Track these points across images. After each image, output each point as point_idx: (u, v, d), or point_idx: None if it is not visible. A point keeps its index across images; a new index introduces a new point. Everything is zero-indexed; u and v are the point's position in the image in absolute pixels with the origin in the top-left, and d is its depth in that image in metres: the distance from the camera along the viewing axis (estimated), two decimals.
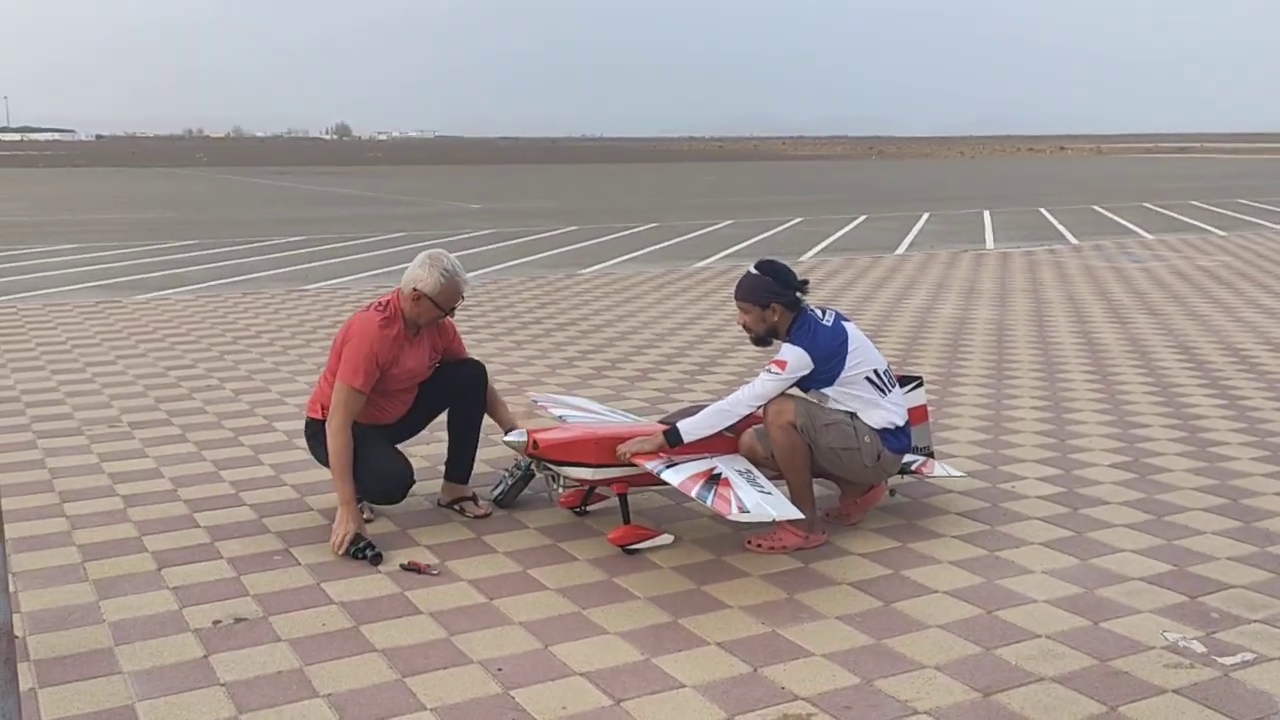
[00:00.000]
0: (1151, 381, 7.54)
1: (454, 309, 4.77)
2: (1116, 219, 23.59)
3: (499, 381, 5.11)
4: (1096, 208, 27.12)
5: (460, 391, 4.93)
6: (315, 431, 4.77)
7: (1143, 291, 12.19)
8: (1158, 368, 8.01)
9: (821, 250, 17.25)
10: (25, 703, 3.18)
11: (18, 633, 3.66)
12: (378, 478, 4.57)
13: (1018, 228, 21.39)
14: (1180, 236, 19.34)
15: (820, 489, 4.77)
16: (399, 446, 4.85)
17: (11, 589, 3.98)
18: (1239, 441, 6.01)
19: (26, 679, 3.35)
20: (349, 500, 4.43)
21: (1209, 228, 21.29)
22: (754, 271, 4.60)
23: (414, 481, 4.70)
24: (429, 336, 4.84)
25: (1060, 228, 21.28)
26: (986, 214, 25.01)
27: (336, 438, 4.49)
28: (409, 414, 4.91)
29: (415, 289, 4.65)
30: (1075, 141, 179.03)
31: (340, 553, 4.33)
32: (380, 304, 4.73)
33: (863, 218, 24.02)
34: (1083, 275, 13.70)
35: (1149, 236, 19.43)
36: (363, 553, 4.29)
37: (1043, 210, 26.13)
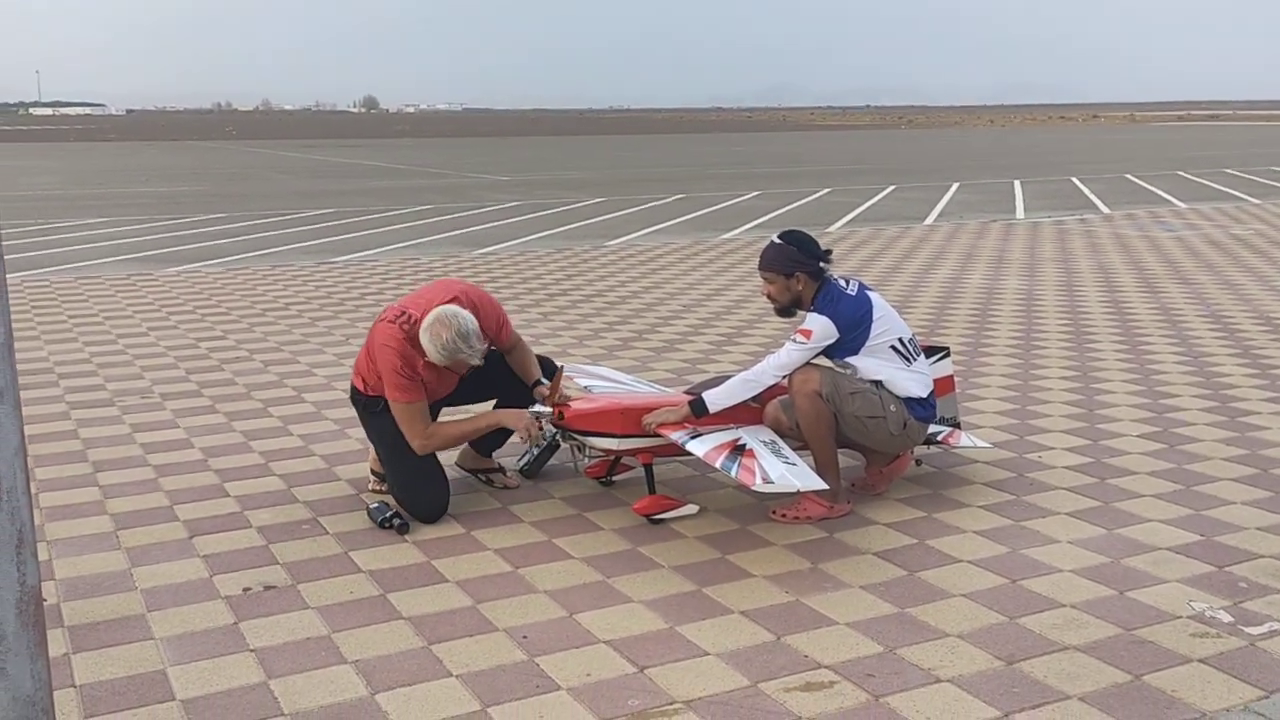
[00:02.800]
0: (1182, 351, 7.47)
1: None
2: (1149, 187, 23.31)
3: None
4: (1129, 176, 26.81)
5: (513, 383, 4.80)
6: (366, 407, 4.67)
7: (1175, 260, 12.06)
8: (1189, 337, 7.93)
9: (849, 221, 17.15)
10: (59, 667, 3.25)
11: (52, 599, 3.74)
12: (415, 501, 4.47)
13: (1049, 197, 21.18)
14: (1214, 205, 19.09)
15: (845, 459, 4.77)
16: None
17: (46, 556, 4.07)
18: (1270, 411, 5.95)
19: (60, 644, 3.41)
20: (497, 417, 4.56)
21: (1243, 195, 21.01)
22: (778, 241, 4.58)
23: (446, 508, 4.54)
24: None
25: (1092, 196, 21.06)
26: (1017, 183, 24.77)
27: (435, 442, 4.49)
28: (465, 389, 4.80)
29: (424, 348, 4.42)
30: (1108, 110, 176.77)
31: (532, 438, 4.52)
32: (406, 320, 4.46)
33: (891, 188, 23.85)
34: (1114, 244, 13.57)
35: (1182, 205, 19.19)
36: (390, 522, 4.33)
37: (1074, 179, 25.86)
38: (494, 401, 4.92)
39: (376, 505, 4.44)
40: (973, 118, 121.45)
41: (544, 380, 4.76)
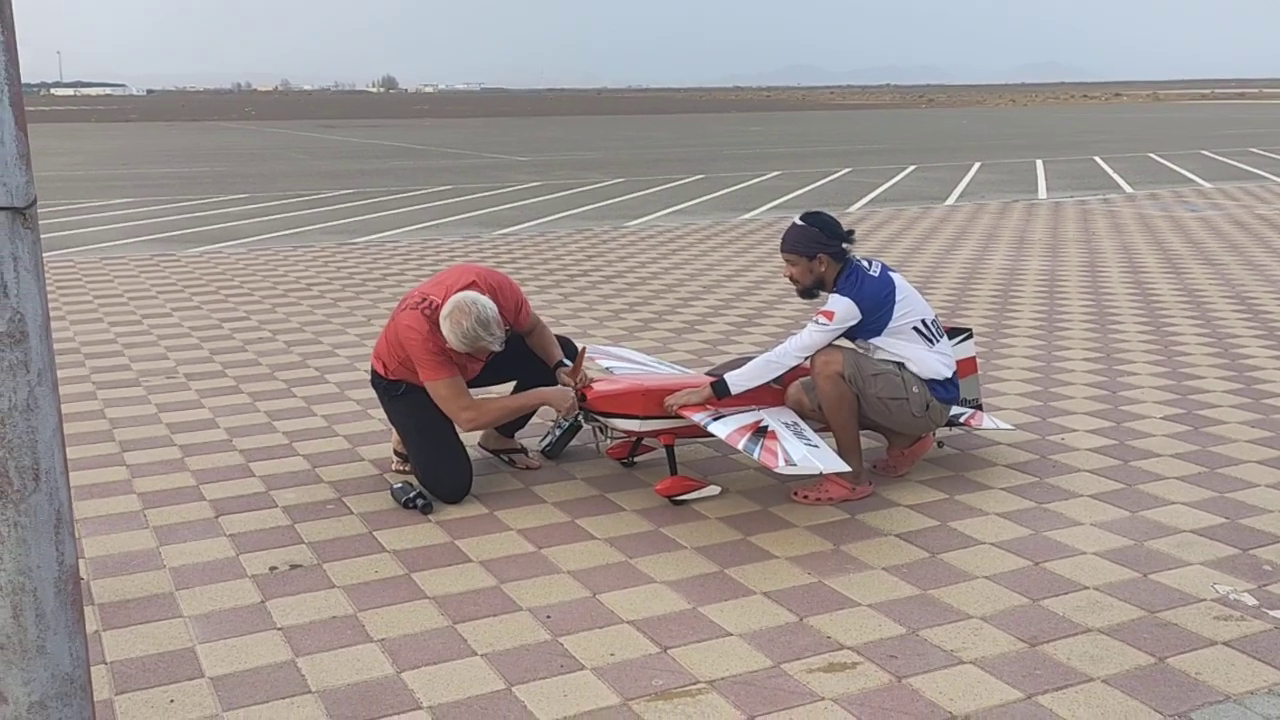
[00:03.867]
0: (1207, 333, 7.42)
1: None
2: (1173, 167, 23.10)
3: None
4: (1153, 155, 26.57)
5: (533, 365, 4.82)
6: (388, 392, 4.70)
7: (1199, 241, 11.97)
8: (1214, 318, 7.88)
9: (870, 201, 17.07)
10: (90, 645, 3.29)
11: (82, 577, 3.78)
12: (438, 482, 4.48)
13: (1071, 176, 21.02)
14: (1239, 184, 18.91)
15: (867, 441, 4.77)
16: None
17: (75, 535, 4.11)
18: None
19: (91, 622, 3.45)
20: (543, 396, 4.58)
21: (1269, 175, 20.80)
22: (800, 223, 4.57)
23: (469, 489, 4.55)
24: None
25: (1115, 176, 20.89)
26: (1039, 163, 24.59)
27: (480, 417, 4.50)
28: (490, 369, 4.80)
29: (445, 335, 4.44)
30: (1131, 89, 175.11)
31: (571, 416, 4.57)
32: (427, 306, 4.47)
33: (912, 167, 23.72)
34: (1137, 224, 13.47)
35: (1207, 185, 19.02)
36: (414, 502, 4.36)
37: (1097, 159, 25.65)
38: (514, 384, 4.95)
39: (400, 485, 4.47)
40: (994, 97, 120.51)
41: (566, 361, 4.79)
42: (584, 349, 4.84)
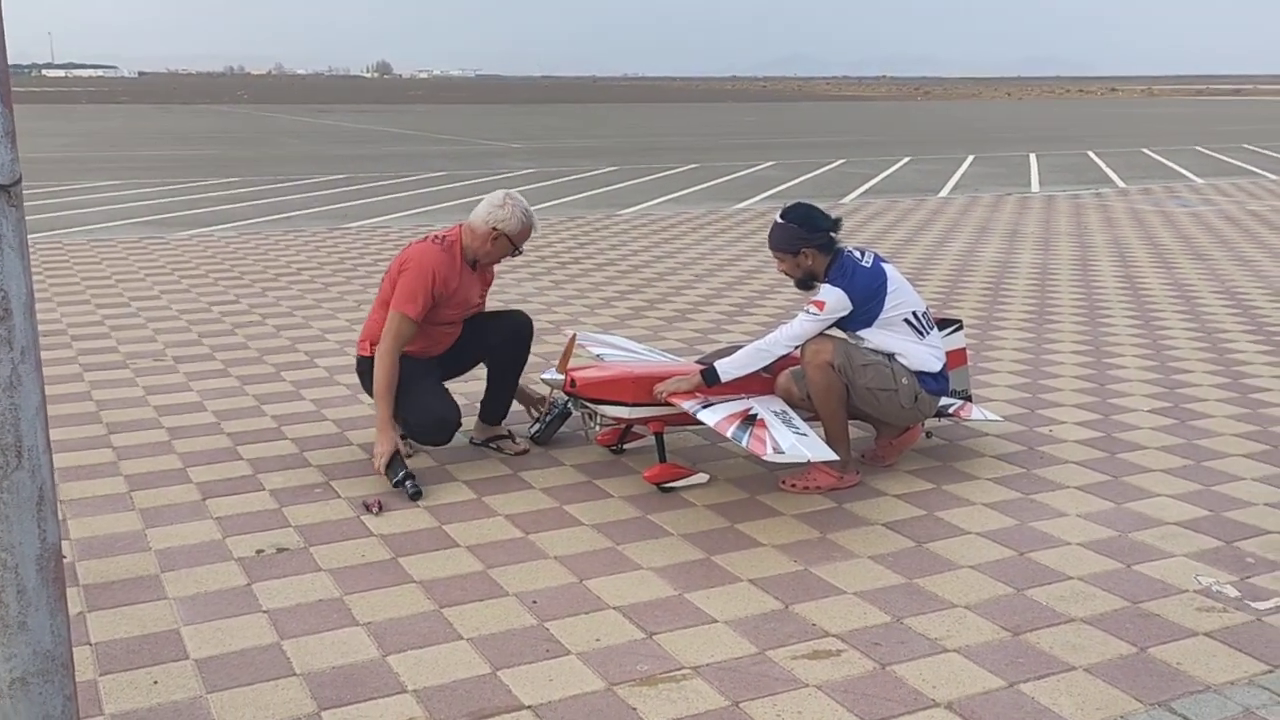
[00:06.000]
0: (1195, 326, 7.45)
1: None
2: (1166, 162, 23.15)
3: (538, 321, 5.15)
4: (1146, 150, 26.62)
5: (506, 339, 4.96)
6: (366, 369, 4.78)
7: (1190, 236, 12.00)
8: (1202, 313, 7.91)
9: (864, 192, 17.08)
10: (75, 626, 3.29)
11: (67, 559, 3.77)
12: (425, 417, 4.62)
13: (1064, 170, 21.05)
14: (1231, 180, 18.96)
15: (856, 431, 4.78)
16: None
17: (61, 517, 4.11)
18: None
19: (76, 603, 3.45)
20: (387, 421, 4.51)
21: (1261, 171, 20.85)
22: (780, 220, 4.57)
23: (459, 425, 4.74)
24: (481, 271, 4.89)
25: (1108, 171, 20.92)
26: (1033, 156, 24.62)
27: (383, 360, 4.56)
28: (455, 351, 4.93)
29: (495, 228, 4.71)
30: (1126, 83, 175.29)
31: (381, 470, 4.40)
32: (437, 236, 4.79)
33: (906, 159, 23.73)
34: (1129, 219, 13.49)
35: (1199, 180, 19.06)
36: (402, 484, 4.35)
37: (1090, 153, 25.69)
38: (486, 372, 5.07)
39: (395, 465, 4.43)
40: (990, 89, 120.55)
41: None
42: (574, 335, 4.85)
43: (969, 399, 5.12)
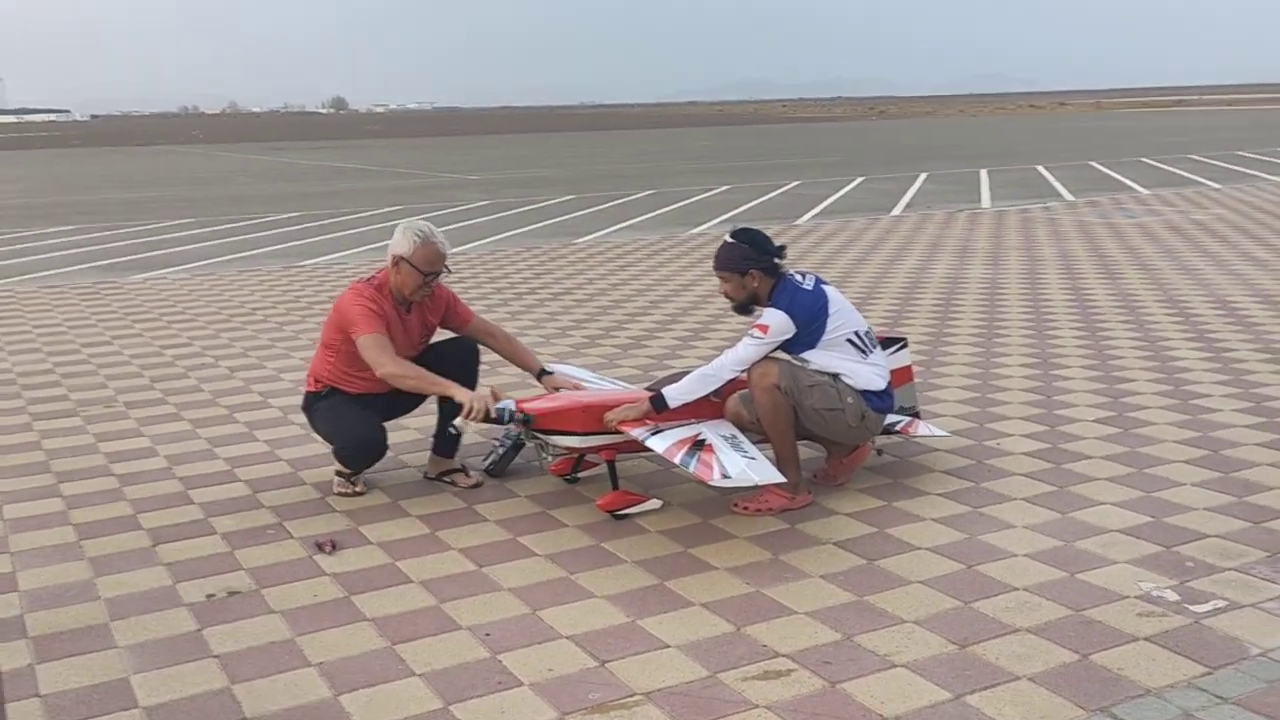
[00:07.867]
0: (1140, 337, 7.58)
1: (437, 274, 4.80)
2: (1114, 174, 23.52)
3: (492, 353, 5.16)
4: (1094, 164, 27.03)
5: (453, 369, 4.91)
6: (311, 404, 4.91)
7: (1135, 247, 12.20)
8: (1147, 323, 8.05)
9: (818, 213, 17.23)
10: (23, 679, 3.27)
11: (16, 610, 3.75)
12: (348, 440, 4.74)
13: (1014, 185, 21.34)
14: (1176, 190, 19.30)
15: (807, 451, 4.83)
16: (396, 421, 5.00)
17: (10, 569, 4.08)
18: (1222, 394, 6.06)
19: (25, 655, 3.42)
20: (451, 385, 4.62)
21: (1205, 181, 21.24)
22: (730, 240, 4.64)
23: (385, 445, 4.81)
24: (419, 313, 4.89)
25: (1056, 184, 21.24)
26: (984, 172, 24.94)
27: (391, 371, 4.61)
28: (401, 392, 4.92)
29: (393, 254, 4.77)
30: (1075, 97, 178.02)
31: (481, 418, 4.47)
32: (368, 278, 4.89)
33: (860, 179, 23.97)
34: (1077, 231, 13.70)
35: (1145, 191, 19.39)
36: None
37: (1040, 168, 26.05)
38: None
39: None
40: (944, 107, 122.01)
41: (550, 370, 5.08)
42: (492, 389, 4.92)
43: (917, 415, 5.19)
